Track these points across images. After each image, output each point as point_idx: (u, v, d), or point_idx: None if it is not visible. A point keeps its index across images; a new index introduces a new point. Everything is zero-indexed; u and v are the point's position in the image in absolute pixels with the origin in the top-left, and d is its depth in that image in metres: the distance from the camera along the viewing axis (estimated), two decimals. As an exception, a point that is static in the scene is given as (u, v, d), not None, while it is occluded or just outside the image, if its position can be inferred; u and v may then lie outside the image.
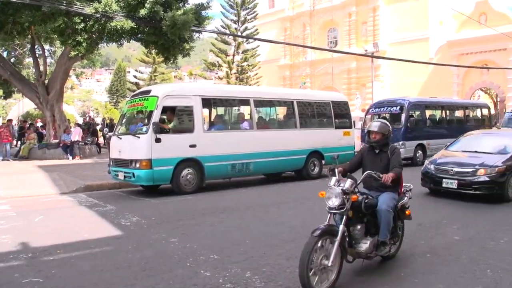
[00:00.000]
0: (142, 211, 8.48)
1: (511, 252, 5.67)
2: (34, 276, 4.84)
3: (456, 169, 9.47)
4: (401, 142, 16.46)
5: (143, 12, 15.67)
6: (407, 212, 5.30)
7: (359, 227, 4.67)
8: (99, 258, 5.49)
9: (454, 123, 20.11)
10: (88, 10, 15.14)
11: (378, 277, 4.78)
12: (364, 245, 4.64)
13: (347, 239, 4.47)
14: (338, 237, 4.27)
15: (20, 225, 7.47)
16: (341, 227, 4.32)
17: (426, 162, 10.53)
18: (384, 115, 18.24)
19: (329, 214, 4.49)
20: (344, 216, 4.38)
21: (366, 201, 4.67)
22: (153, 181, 10.19)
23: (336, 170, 4.73)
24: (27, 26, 16.89)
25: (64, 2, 15.01)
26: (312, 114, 13.94)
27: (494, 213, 8.21)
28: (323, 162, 13.55)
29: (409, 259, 5.39)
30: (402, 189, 5.26)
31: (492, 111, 32.38)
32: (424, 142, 17.46)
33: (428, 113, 19.19)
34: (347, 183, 4.46)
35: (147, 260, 5.36)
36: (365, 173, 4.83)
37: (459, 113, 21.67)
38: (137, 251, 5.78)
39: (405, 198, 5.22)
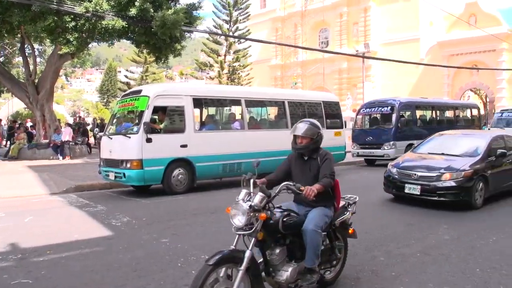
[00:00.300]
0: (133, 212, 8.45)
1: (500, 251, 5.73)
2: (24, 277, 4.81)
3: (419, 173, 8.74)
4: (391, 142, 16.57)
5: (133, 11, 15.63)
6: (350, 231, 4.55)
7: (278, 251, 3.86)
8: (90, 259, 5.47)
9: (444, 123, 20.24)
10: (78, 9, 15.06)
11: (369, 277, 4.80)
12: (285, 273, 3.82)
13: (263, 266, 3.79)
14: (243, 265, 3.41)
15: (10, 225, 7.41)
16: (247, 252, 3.48)
17: (389, 165, 9.77)
18: (375, 115, 18.35)
19: (236, 236, 3.70)
20: (253, 239, 3.60)
21: (285, 219, 3.84)
22: (144, 181, 10.16)
23: (251, 181, 3.95)
24: (16, 25, 16.76)
25: (55, 1, 14.92)
26: (303, 114, 13.94)
27: (484, 212, 8.28)
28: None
29: (400, 259, 5.42)
30: (341, 203, 4.48)
31: (482, 112, 32.69)
32: (415, 142, 17.47)
33: (418, 113, 19.31)
34: (257, 198, 3.66)
35: (138, 261, 5.34)
36: (281, 185, 3.99)
37: (449, 114, 21.82)
38: (128, 251, 5.76)
39: (347, 213, 4.45)
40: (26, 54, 22.16)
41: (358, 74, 39.27)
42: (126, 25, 16.37)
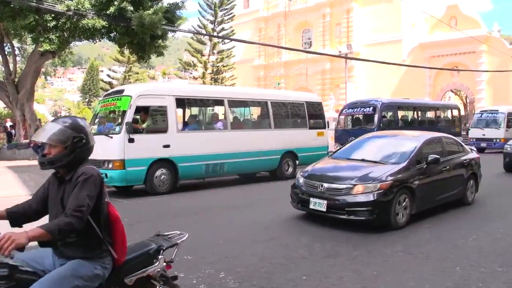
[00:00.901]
0: (115, 212, 8.36)
1: (479, 249, 5.82)
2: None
3: (326, 185, 7.04)
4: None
5: (112, 9, 15.52)
6: None
7: None
8: (70, 260, 5.39)
9: (426, 124, 20.53)
10: (60, 7, 14.90)
11: (350, 276, 4.83)
12: None
13: None
14: None
15: (-12, 227, 7.27)
16: None
17: (298, 173, 8.09)
18: (357, 115, 18.49)
19: None
20: None
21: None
22: (126, 181, 10.09)
23: None
24: (-5, 21, 16.54)
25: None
26: (286, 114, 14.02)
27: (464, 212, 8.40)
28: (297, 162, 13.63)
29: (382, 258, 5.47)
30: (152, 246, 3.01)
31: (462, 112, 33.19)
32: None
33: (400, 113, 19.53)
34: None
35: (119, 262, 5.29)
36: None
37: (430, 114, 22.11)
38: (109, 252, 5.69)
39: (156, 263, 2.95)
40: (6, 52, 21.83)
41: (341, 75, 39.48)
42: (107, 25, 16.24)
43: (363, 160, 7.86)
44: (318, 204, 6.96)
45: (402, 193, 6.95)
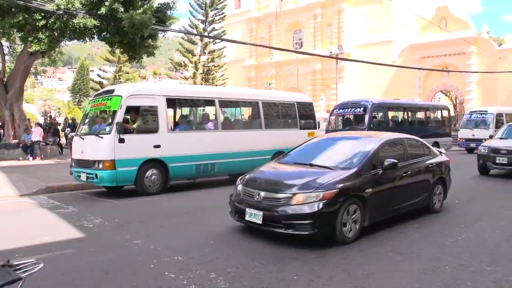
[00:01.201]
0: (105, 213, 8.34)
1: (468, 249, 5.87)
2: (-9, 281, 4.68)
3: (263, 193, 6.17)
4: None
5: (103, 10, 15.44)
6: None
7: None
8: (60, 262, 5.37)
9: (416, 124, 20.64)
10: (50, 6, 14.78)
11: (342, 276, 4.85)
12: None
13: None
14: None
15: (-23, 228, 7.22)
16: None
17: (238, 180, 7.18)
18: (348, 116, 18.55)
19: None
20: None
21: None
22: (116, 182, 10.04)
23: None
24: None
25: (24, -3, 14.62)
26: (277, 114, 14.04)
27: (453, 211, 8.46)
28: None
29: (372, 258, 5.49)
30: None
31: (452, 113, 33.44)
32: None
33: (390, 114, 19.62)
34: None
35: (110, 263, 5.28)
36: None
37: (420, 115, 22.24)
38: (99, 253, 5.68)
39: None
40: (-5, 51, 21.65)
41: (332, 75, 39.66)
42: (98, 24, 16.16)
43: (311, 165, 6.93)
44: (254, 216, 6.12)
45: (351, 203, 6.10)
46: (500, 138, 14.33)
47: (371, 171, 6.56)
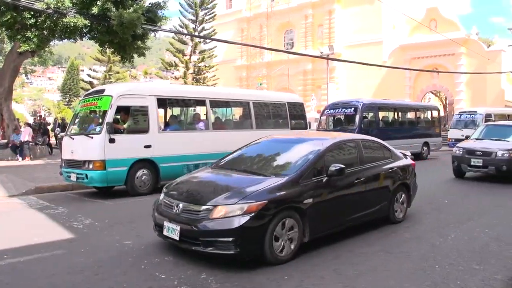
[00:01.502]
0: (95, 213, 8.30)
1: (457, 248, 5.92)
2: (-21, 283, 4.64)
3: (182, 205, 5.35)
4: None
5: (95, 10, 15.35)
6: None
7: None
8: (50, 263, 5.33)
9: (406, 125, 20.77)
10: (39, 5, 14.65)
11: (332, 275, 4.87)
12: None
13: None
14: None
15: (-35, 229, 7.15)
16: None
17: (164, 187, 6.26)
18: (338, 116, 18.60)
19: None
20: None
21: None
22: (106, 182, 9.99)
23: None
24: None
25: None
26: (268, 115, 14.05)
27: (443, 210, 8.51)
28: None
29: (363, 257, 5.51)
30: None
31: (442, 113, 33.67)
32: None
33: (381, 114, 19.70)
34: None
35: (100, 264, 5.25)
36: None
37: (411, 115, 22.36)
38: (90, 254, 5.65)
39: None
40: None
41: (323, 76, 39.71)
42: (89, 24, 16.05)
43: (245, 171, 6.12)
44: (171, 230, 5.28)
45: (286, 216, 5.24)
46: (476, 139, 13.76)
47: (312, 179, 5.69)
